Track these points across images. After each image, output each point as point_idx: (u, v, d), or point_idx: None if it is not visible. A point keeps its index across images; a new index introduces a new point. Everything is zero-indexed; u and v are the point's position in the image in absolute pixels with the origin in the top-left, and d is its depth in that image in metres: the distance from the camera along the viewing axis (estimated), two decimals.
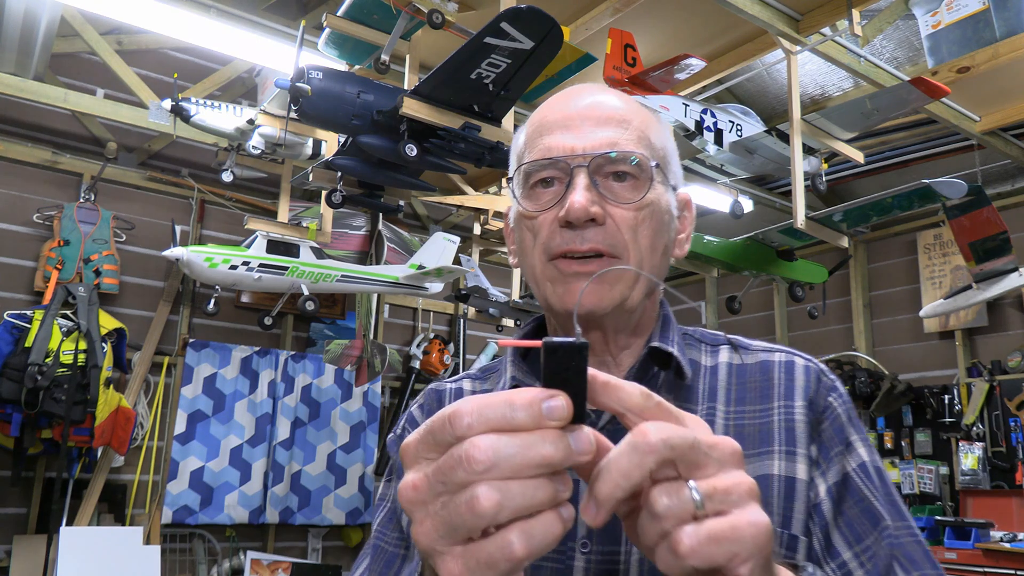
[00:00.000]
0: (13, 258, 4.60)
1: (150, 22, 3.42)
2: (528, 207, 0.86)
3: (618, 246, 0.82)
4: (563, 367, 0.45)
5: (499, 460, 0.43)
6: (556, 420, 0.44)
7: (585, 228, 0.82)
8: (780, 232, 4.60)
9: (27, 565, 4.12)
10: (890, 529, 0.77)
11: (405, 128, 3.19)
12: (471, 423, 0.44)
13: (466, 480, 0.43)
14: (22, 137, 4.71)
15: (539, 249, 0.85)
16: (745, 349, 0.91)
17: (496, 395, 0.45)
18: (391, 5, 3.13)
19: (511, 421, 0.44)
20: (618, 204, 0.83)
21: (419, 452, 0.46)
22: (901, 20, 4.28)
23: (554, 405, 0.44)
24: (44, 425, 3.92)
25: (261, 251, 4.24)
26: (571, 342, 0.45)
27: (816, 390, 0.85)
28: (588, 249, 0.82)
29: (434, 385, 1.02)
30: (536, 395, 0.45)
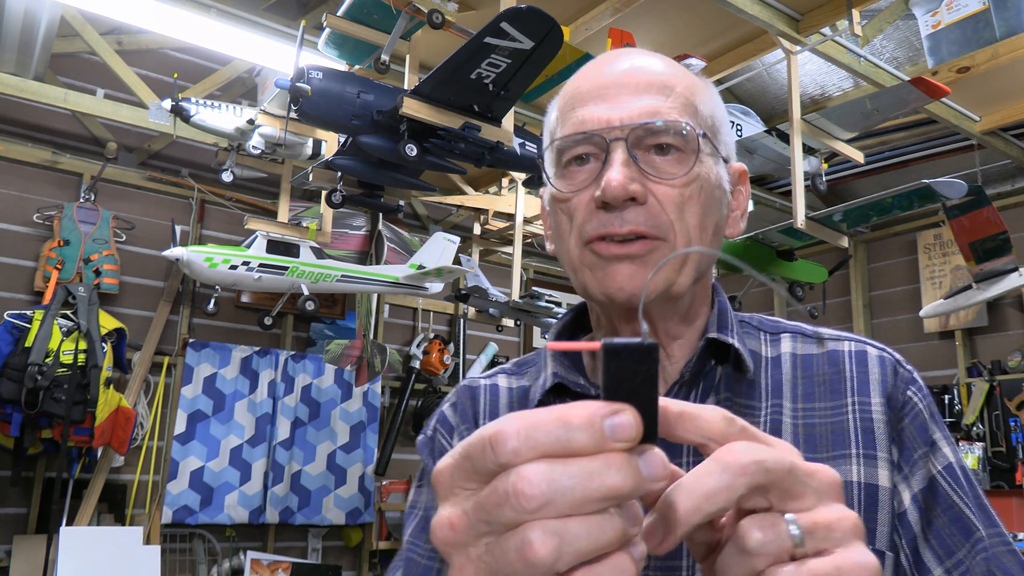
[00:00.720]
0: (13, 258, 4.60)
1: (150, 22, 3.42)
2: (562, 188, 0.78)
3: (663, 227, 0.74)
4: (628, 374, 0.38)
5: (555, 495, 0.35)
6: (623, 441, 0.36)
7: (624, 208, 0.73)
8: (780, 232, 4.60)
9: (27, 565, 4.12)
10: (984, 541, 0.70)
11: (405, 128, 3.19)
12: (517, 447, 0.36)
13: (515, 520, 0.35)
14: (22, 137, 4.71)
15: (575, 233, 0.77)
16: (809, 337, 0.83)
17: (547, 412, 0.37)
18: (391, 5, 3.13)
19: (567, 444, 0.36)
20: (661, 180, 0.74)
21: (455, 481, 0.38)
22: (901, 20, 4.28)
23: (620, 423, 0.36)
24: (44, 425, 3.92)
25: (261, 251, 4.24)
26: (637, 343, 0.38)
27: (894, 384, 0.77)
28: (628, 232, 0.73)
29: (467, 382, 0.93)
30: (596, 410, 0.37)
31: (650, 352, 0.38)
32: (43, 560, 4.00)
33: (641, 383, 0.38)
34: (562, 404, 0.38)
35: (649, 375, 0.38)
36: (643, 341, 0.38)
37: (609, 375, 0.38)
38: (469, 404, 0.89)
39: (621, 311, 0.79)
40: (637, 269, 0.74)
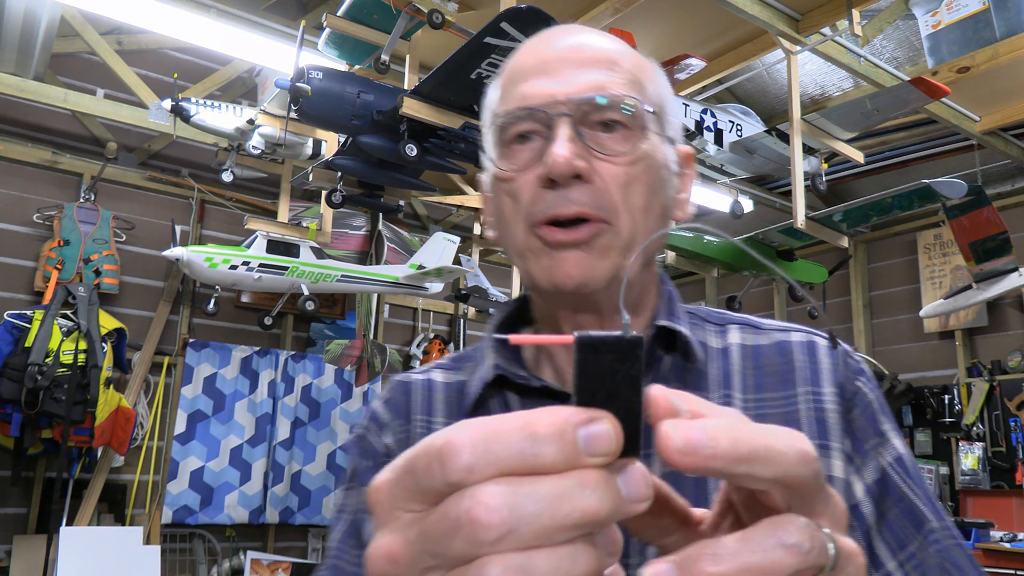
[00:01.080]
0: (13, 258, 4.60)
1: (150, 22, 3.42)
2: (504, 167, 0.74)
3: (607, 207, 0.71)
4: (606, 374, 0.32)
5: (518, 523, 0.29)
6: (600, 456, 0.30)
7: (570, 187, 0.70)
8: (780, 232, 4.60)
9: (27, 565, 4.12)
10: (936, 532, 0.69)
11: (405, 128, 3.19)
12: (472, 463, 0.29)
13: (469, 553, 0.29)
14: (22, 137, 4.71)
15: (520, 217, 0.73)
16: (757, 328, 0.81)
17: (507, 420, 0.31)
18: (391, 5, 3.13)
19: (533, 460, 0.30)
20: (607, 158, 0.71)
21: (395, 501, 0.31)
22: (901, 20, 4.28)
23: (596, 433, 0.30)
24: (44, 425, 3.92)
25: (261, 251, 4.24)
26: (618, 337, 0.31)
27: (845, 373, 0.75)
28: (575, 214, 0.70)
29: (400, 376, 0.87)
30: (568, 418, 0.30)
31: (633, 348, 0.32)
32: (43, 560, 4.00)
33: (621, 385, 0.32)
34: (525, 411, 0.31)
35: (631, 376, 0.32)
36: (624, 334, 0.32)
37: (583, 375, 0.32)
38: (402, 400, 0.84)
39: (568, 302, 0.75)
40: (584, 256, 0.71)
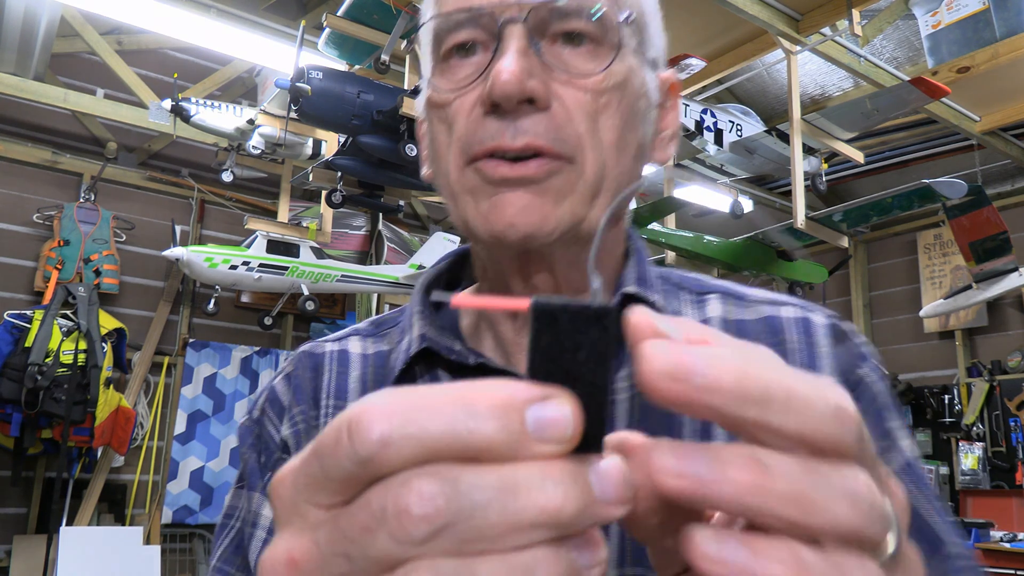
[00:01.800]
0: (13, 258, 4.60)
1: (150, 22, 3.42)
2: (440, 86, 0.59)
3: (568, 141, 0.56)
4: (567, 350, 0.26)
5: (458, 517, 0.22)
6: (551, 442, 0.24)
7: (519, 114, 0.55)
8: (780, 232, 4.61)
9: (27, 565, 4.12)
10: (955, 559, 0.57)
11: (405, 128, 3.19)
12: (387, 434, 0.23)
13: (394, 555, 0.22)
14: (22, 137, 4.71)
15: (455, 148, 0.58)
16: (741, 299, 0.67)
17: (438, 389, 0.24)
18: (391, 5, 3.13)
19: (465, 438, 0.23)
20: (570, 79, 0.57)
21: (300, 493, 0.24)
22: (901, 20, 4.28)
23: (549, 414, 0.24)
24: (44, 425, 3.92)
25: (261, 251, 4.24)
26: (583, 306, 0.26)
27: (847, 359, 0.62)
28: (523, 146, 0.55)
29: (308, 347, 0.70)
30: (514, 392, 0.24)
31: (601, 319, 0.26)
32: (43, 560, 4.00)
33: (585, 365, 0.26)
34: (462, 382, 0.24)
35: (598, 353, 0.26)
36: (592, 303, 0.26)
37: (538, 351, 0.26)
38: (309, 377, 0.66)
39: (512, 257, 0.60)
40: (533, 199, 0.56)
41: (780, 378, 0.25)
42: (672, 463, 0.24)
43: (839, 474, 0.24)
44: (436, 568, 0.22)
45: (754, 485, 0.23)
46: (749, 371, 0.25)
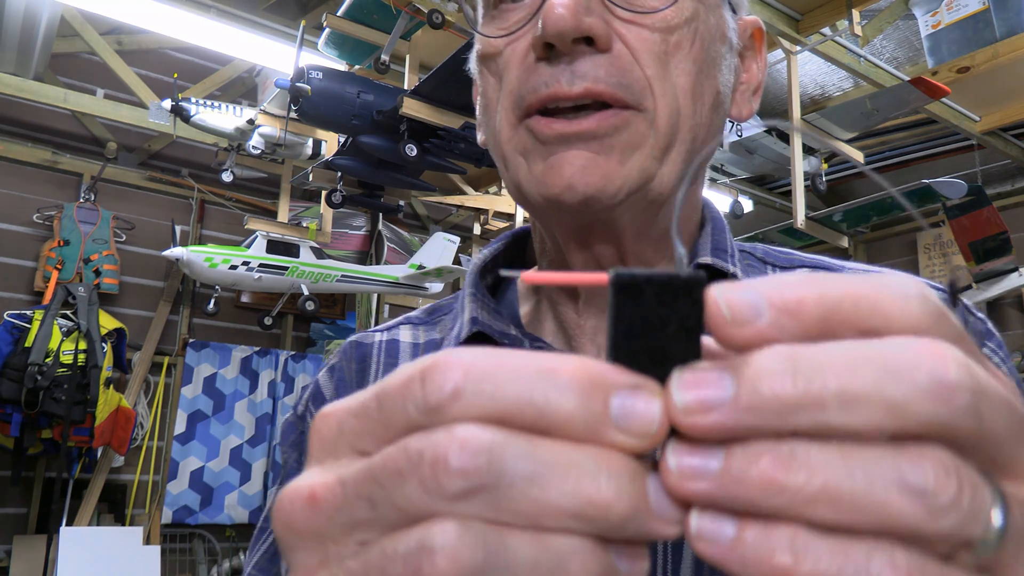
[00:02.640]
0: (13, 258, 4.60)
1: (150, 22, 3.42)
2: (489, 32, 0.53)
3: (635, 86, 0.49)
4: (654, 327, 0.23)
5: (499, 480, 0.20)
6: (633, 435, 0.21)
7: (576, 56, 0.48)
8: (780, 232, 4.60)
9: (27, 565, 4.12)
10: None
11: (405, 128, 3.19)
12: (460, 387, 0.21)
13: (421, 506, 0.21)
14: (22, 137, 4.71)
15: (506, 101, 0.52)
16: (836, 272, 0.55)
17: (521, 354, 0.22)
18: (391, 5, 3.13)
19: (542, 407, 0.21)
20: (633, 16, 0.50)
21: (344, 433, 0.23)
22: (901, 20, 4.28)
23: (638, 406, 0.21)
24: (44, 425, 3.92)
25: (261, 251, 4.24)
26: (670, 276, 0.23)
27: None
28: (582, 92, 0.48)
29: (357, 336, 0.65)
30: (603, 372, 0.22)
31: (691, 290, 0.23)
32: (43, 560, 4.00)
33: (673, 343, 0.23)
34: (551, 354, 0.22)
35: (687, 329, 0.23)
36: (679, 272, 0.23)
37: (621, 328, 0.23)
38: (354, 369, 0.62)
39: (569, 225, 0.53)
40: (595, 157, 0.49)
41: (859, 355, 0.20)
42: (686, 462, 0.21)
43: (902, 459, 0.20)
44: (463, 530, 0.20)
45: (772, 483, 0.20)
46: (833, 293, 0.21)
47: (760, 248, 0.64)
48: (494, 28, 0.53)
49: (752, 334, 0.21)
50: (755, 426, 0.20)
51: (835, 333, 0.21)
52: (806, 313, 0.21)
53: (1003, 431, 0.20)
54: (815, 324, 0.21)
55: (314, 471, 0.23)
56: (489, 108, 0.55)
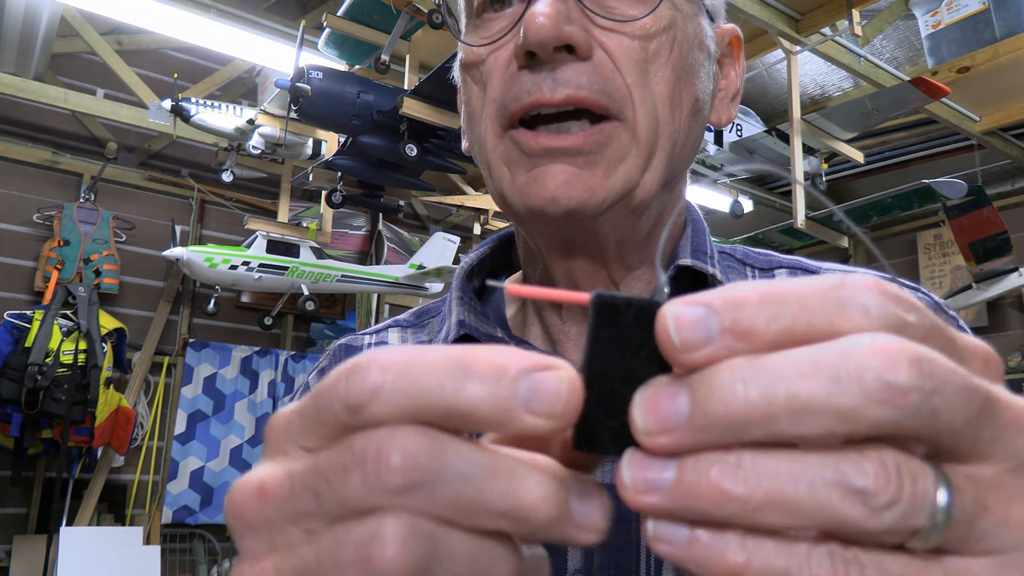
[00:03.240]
0: (13, 258, 4.60)
1: (150, 22, 3.42)
2: (472, 41, 0.54)
3: (615, 93, 0.50)
4: (629, 350, 0.24)
5: (437, 478, 0.22)
6: (540, 415, 0.22)
7: (558, 64, 0.49)
8: (780, 232, 4.60)
9: (27, 565, 4.12)
10: None
11: (405, 128, 3.19)
12: (379, 385, 0.22)
13: (365, 500, 0.22)
14: (22, 137, 4.71)
15: (490, 110, 0.53)
16: (812, 273, 0.59)
17: (440, 349, 0.23)
18: (391, 5, 3.13)
19: (453, 397, 0.22)
20: (613, 24, 0.51)
21: (290, 434, 0.25)
22: (901, 20, 4.28)
23: (544, 383, 0.22)
24: (44, 425, 3.92)
25: (261, 251, 4.24)
26: (650, 302, 0.24)
27: None
28: (564, 99, 0.49)
29: (346, 340, 0.67)
30: (513, 357, 0.23)
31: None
32: (43, 560, 4.00)
33: (646, 366, 0.23)
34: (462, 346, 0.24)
35: (661, 356, 0.23)
36: (658, 300, 0.24)
37: (597, 347, 0.24)
38: None
39: (554, 236, 0.54)
40: (579, 171, 0.50)
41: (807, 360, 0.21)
42: (640, 475, 0.22)
43: (844, 462, 0.20)
44: (400, 523, 0.22)
45: (721, 495, 0.21)
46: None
47: (740, 250, 0.65)
48: (477, 37, 0.54)
49: (702, 359, 0.22)
50: (711, 442, 0.21)
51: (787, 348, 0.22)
52: (758, 335, 0.22)
53: (960, 421, 0.21)
54: (767, 345, 0.22)
55: (264, 466, 0.25)
56: (473, 116, 0.56)
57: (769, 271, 0.62)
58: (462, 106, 0.60)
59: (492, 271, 0.67)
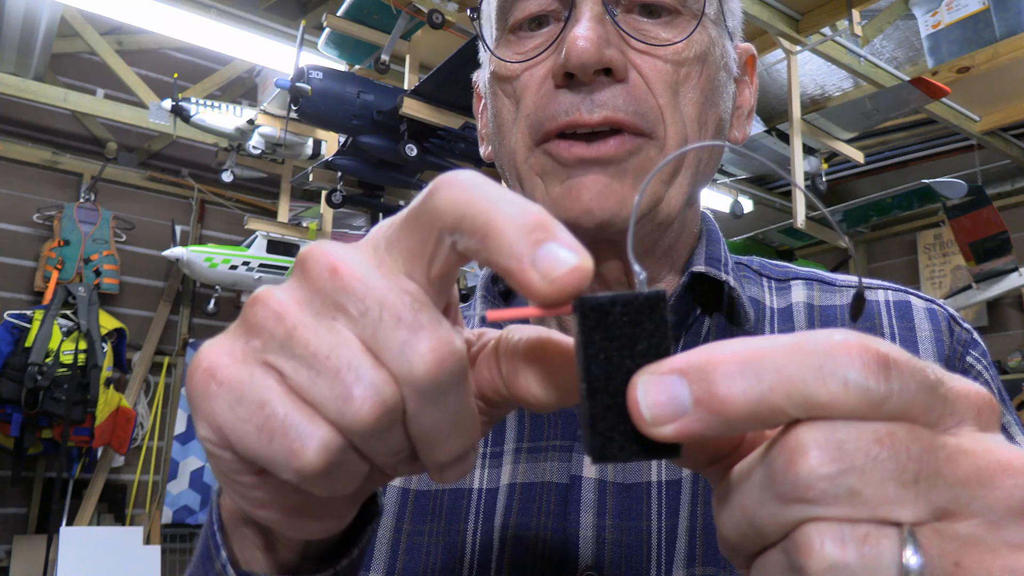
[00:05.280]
0: (13, 258, 4.60)
1: (150, 22, 3.42)
2: (507, 57, 0.56)
3: (649, 115, 0.52)
4: (624, 347, 0.24)
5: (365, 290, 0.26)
6: (543, 277, 0.24)
7: (596, 87, 0.51)
8: (780, 232, 4.61)
9: (27, 565, 4.12)
10: None
11: (405, 128, 3.19)
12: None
13: (335, 300, 0.26)
14: (22, 137, 4.71)
15: (523, 125, 0.54)
16: (830, 285, 0.61)
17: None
18: (391, 5, 3.13)
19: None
20: (649, 48, 0.53)
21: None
22: (901, 20, 4.28)
23: (557, 255, 0.25)
24: (44, 425, 3.92)
25: (261, 251, 4.24)
26: (632, 296, 0.24)
27: (950, 345, 0.56)
28: (601, 120, 0.51)
29: None
30: (550, 220, 0.26)
31: (655, 307, 0.24)
32: (43, 560, 4.00)
33: (644, 359, 0.24)
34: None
35: (656, 345, 0.24)
36: (640, 291, 0.24)
37: (591, 351, 0.24)
38: None
39: (587, 245, 0.57)
40: (611, 182, 0.52)
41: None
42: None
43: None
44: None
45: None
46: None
47: (756, 261, 0.66)
48: (511, 52, 0.56)
49: (672, 435, 0.23)
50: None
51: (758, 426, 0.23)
52: (732, 409, 0.23)
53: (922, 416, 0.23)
54: (739, 422, 0.23)
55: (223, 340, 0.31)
56: (503, 128, 0.57)
57: (785, 282, 0.63)
58: (482, 116, 0.62)
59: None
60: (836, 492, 0.22)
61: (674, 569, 0.51)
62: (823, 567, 0.22)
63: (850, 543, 0.22)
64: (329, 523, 0.31)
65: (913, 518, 0.22)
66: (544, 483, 0.56)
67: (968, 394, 0.24)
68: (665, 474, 0.54)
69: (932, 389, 0.23)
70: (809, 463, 0.22)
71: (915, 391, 0.23)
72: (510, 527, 0.55)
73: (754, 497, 0.24)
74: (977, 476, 0.22)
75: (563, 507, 0.54)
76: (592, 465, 0.54)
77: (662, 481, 0.54)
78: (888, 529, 0.22)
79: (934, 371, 0.24)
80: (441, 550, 0.57)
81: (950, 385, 0.24)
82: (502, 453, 0.59)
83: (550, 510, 0.54)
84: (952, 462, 0.22)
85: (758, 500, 0.23)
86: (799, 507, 0.22)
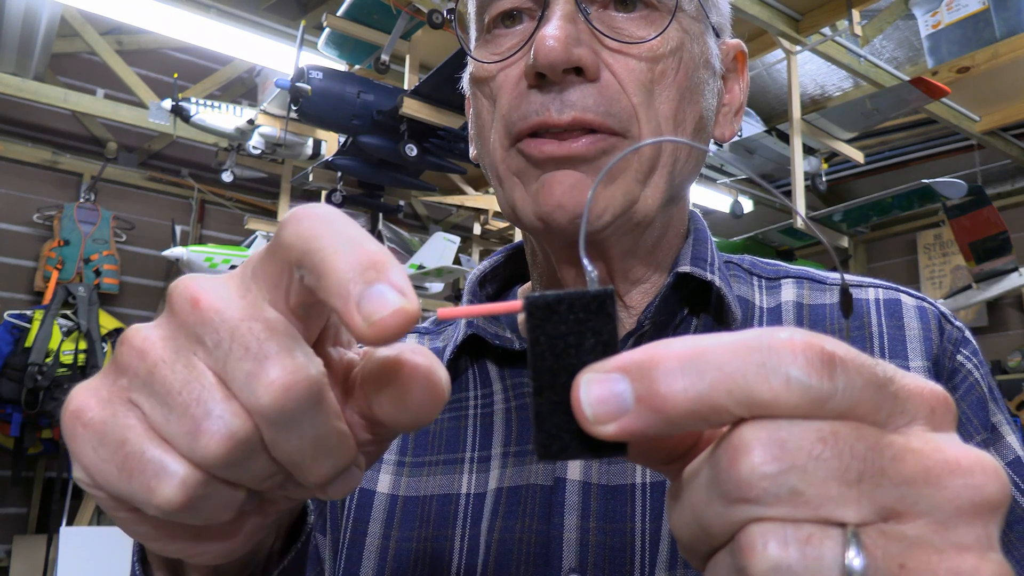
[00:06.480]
0: (13, 258, 4.60)
1: (150, 22, 3.42)
2: (483, 57, 0.56)
3: (621, 115, 0.51)
4: (572, 345, 0.24)
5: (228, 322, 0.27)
6: (365, 320, 0.25)
7: (566, 86, 0.50)
8: (780, 232, 4.61)
9: (27, 565, 4.12)
10: None
11: (405, 128, 3.19)
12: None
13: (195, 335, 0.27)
14: (22, 137, 4.71)
15: (499, 125, 0.54)
16: (820, 283, 0.61)
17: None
18: (391, 5, 3.13)
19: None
20: (622, 46, 0.52)
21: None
22: (901, 20, 4.28)
23: (382, 297, 0.26)
24: (44, 425, 3.92)
25: None
26: (579, 293, 0.24)
27: (940, 343, 0.55)
28: (571, 121, 0.50)
29: None
30: (385, 257, 0.27)
31: (602, 305, 0.24)
32: (43, 560, 4.00)
33: (592, 356, 0.24)
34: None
35: (604, 343, 0.24)
36: (588, 289, 0.24)
37: (540, 349, 0.24)
38: None
39: (561, 243, 0.55)
40: (583, 178, 0.51)
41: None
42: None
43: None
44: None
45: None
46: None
47: (747, 259, 0.66)
48: (487, 53, 0.55)
49: (615, 433, 0.23)
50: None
51: (700, 424, 0.23)
52: (671, 409, 0.23)
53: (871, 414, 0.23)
54: (681, 420, 0.23)
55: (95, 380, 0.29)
56: (483, 129, 0.57)
57: (776, 281, 0.63)
58: (470, 115, 0.62)
59: (507, 280, 0.69)
60: (778, 492, 0.21)
61: (657, 571, 0.51)
62: (765, 568, 0.21)
63: (792, 544, 0.21)
64: (226, 546, 0.31)
65: (857, 518, 0.22)
66: (529, 486, 0.56)
67: (921, 392, 0.24)
68: (650, 476, 0.54)
69: (880, 387, 0.23)
70: (751, 462, 0.22)
71: (861, 389, 0.22)
72: (496, 531, 0.55)
73: (701, 497, 0.23)
74: (924, 475, 0.22)
75: (547, 509, 0.54)
76: (577, 468, 0.54)
77: (647, 483, 0.53)
78: (832, 530, 0.22)
79: (884, 369, 0.23)
80: (429, 556, 0.57)
81: (901, 383, 0.24)
82: (490, 457, 0.59)
83: (534, 513, 0.55)
84: (898, 461, 0.22)
85: (705, 500, 0.23)
86: (743, 507, 0.22)
